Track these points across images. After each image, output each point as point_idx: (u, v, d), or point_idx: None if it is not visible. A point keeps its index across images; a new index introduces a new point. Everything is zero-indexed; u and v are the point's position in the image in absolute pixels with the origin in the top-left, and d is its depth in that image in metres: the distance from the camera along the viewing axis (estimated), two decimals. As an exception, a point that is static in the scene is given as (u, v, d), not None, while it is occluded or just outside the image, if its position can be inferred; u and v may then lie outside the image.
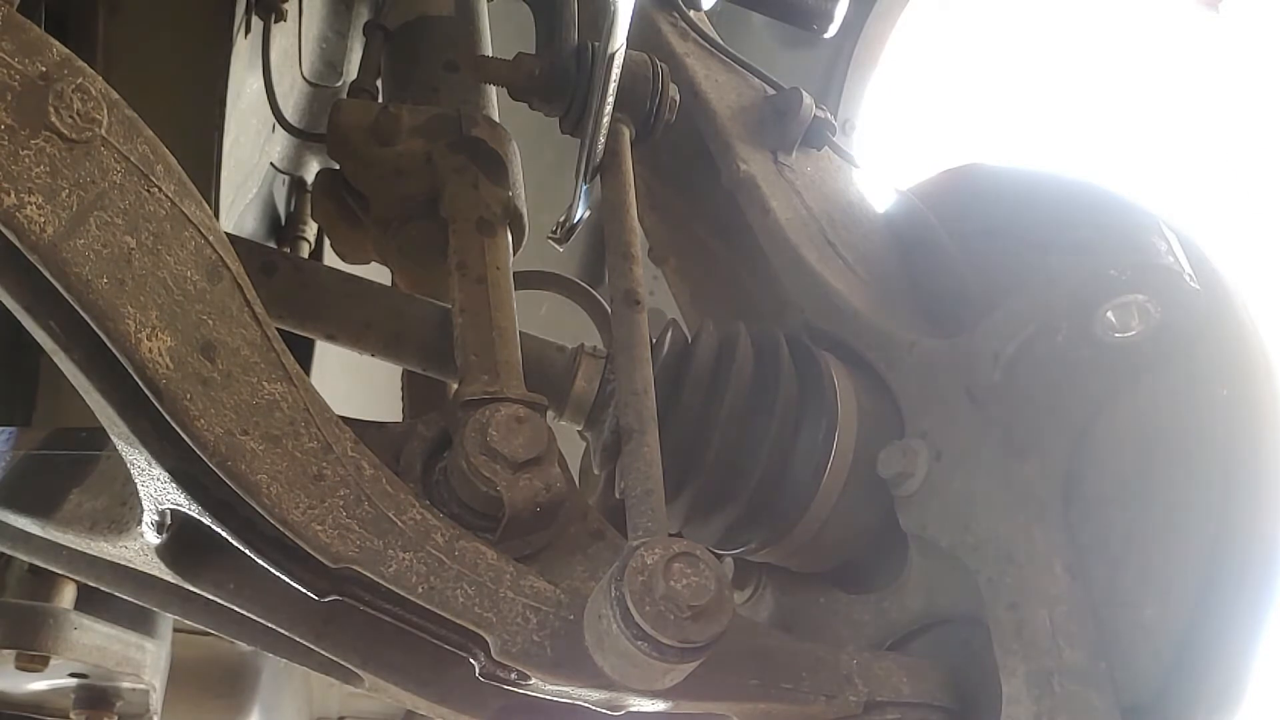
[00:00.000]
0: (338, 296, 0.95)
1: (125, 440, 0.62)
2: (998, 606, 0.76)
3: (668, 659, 0.58)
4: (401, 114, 1.01)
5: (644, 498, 0.70)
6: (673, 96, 0.97)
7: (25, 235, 0.51)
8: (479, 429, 0.69)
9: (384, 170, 1.00)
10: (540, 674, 0.63)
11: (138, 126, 0.56)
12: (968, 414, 0.81)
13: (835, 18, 0.70)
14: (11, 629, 1.16)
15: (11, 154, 0.50)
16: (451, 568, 0.64)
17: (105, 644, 1.22)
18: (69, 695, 1.30)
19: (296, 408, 0.63)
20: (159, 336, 0.56)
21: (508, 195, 1.00)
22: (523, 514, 0.68)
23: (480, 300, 0.84)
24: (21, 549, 0.81)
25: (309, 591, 0.65)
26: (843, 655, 0.74)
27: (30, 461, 0.78)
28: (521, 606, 0.64)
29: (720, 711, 0.70)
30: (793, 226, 1.00)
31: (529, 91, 0.98)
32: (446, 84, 1.17)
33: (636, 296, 0.85)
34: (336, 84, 1.77)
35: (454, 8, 1.26)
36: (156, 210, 0.56)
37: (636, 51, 0.95)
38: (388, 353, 0.96)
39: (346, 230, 1.09)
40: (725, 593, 0.59)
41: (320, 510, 0.62)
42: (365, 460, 0.65)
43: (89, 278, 0.53)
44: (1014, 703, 0.72)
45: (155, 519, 0.67)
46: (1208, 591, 0.71)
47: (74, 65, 0.52)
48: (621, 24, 0.82)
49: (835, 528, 0.89)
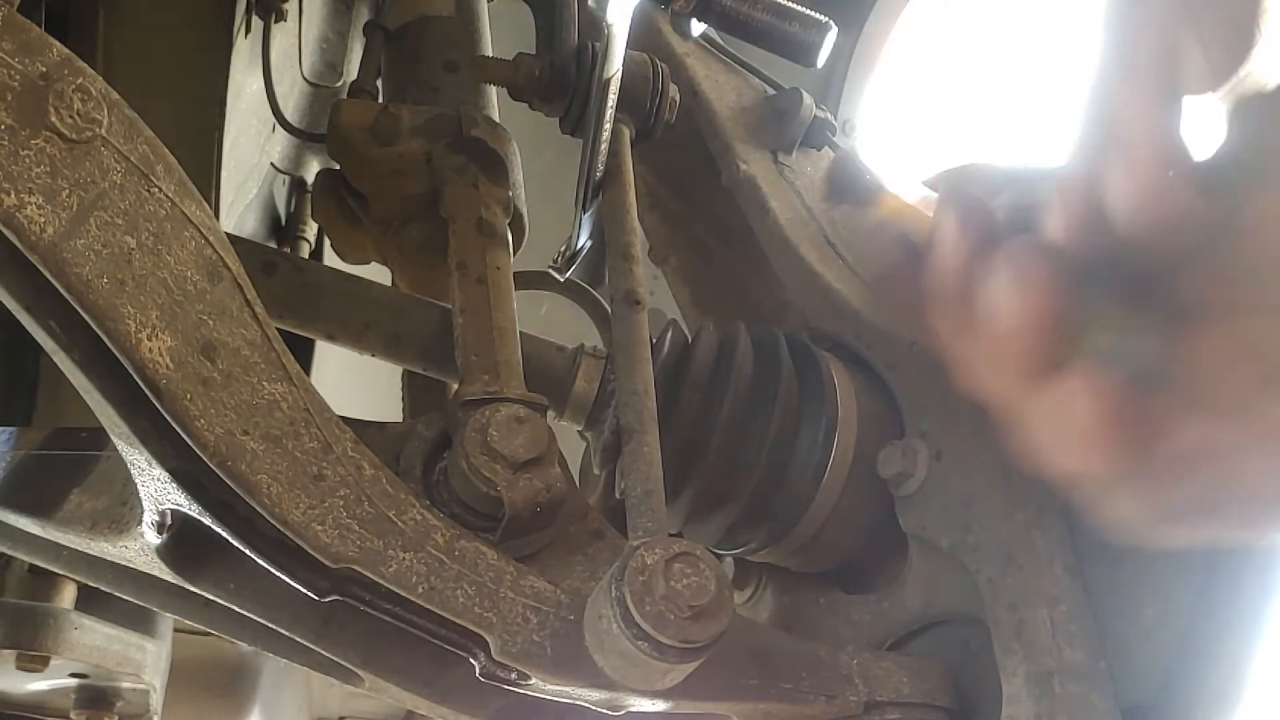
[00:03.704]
0: (338, 296, 0.95)
1: (125, 440, 0.62)
2: (998, 606, 0.76)
3: (668, 659, 0.59)
4: (401, 114, 1.01)
5: (644, 498, 0.70)
6: (673, 97, 0.97)
7: (25, 235, 0.51)
8: (479, 429, 0.69)
9: (384, 170, 1.00)
10: (540, 674, 0.63)
11: (138, 126, 0.56)
12: (968, 414, 0.81)
13: (823, 50, 0.70)
14: (11, 629, 1.16)
15: (11, 154, 0.50)
16: (452, 568, 0.64)
17: (105, 644, 1.22)
18: (69, 695, 1.30)
19: (296, 408, 0.63)
20: (159, 336, 0.56)
21: (508, 195, 1.00)
22: (523, 514, 0.68)
23: (480, 300, 0.84)
24: (21, 549, 0.81)
25: (309, 591, 0.65)
26: (843, 655, 0.74)
27: (30, 461, 0.78)
28: (522, 607, 0.64)
29: (720, 711, 0.70)
30: (793, 226, 1.00)
31: (529, 91, 0.98)
32: (446, 84, 1.17)
33: (636, 296, 0.85)
34: (336, 84, 1.77)
35: (454, 8, 1.26)
36: (157, 210, 0.56)
37: (636, 52, 0.95)
38: (388, 353, 0.96)
39: (346, 230, 1.09)
40: (725, 593, 0.59)
41: (320, 510, 0.62)
42: (365, 460, 0.65)
43: (89, 278, 0.53)
44: (1014, 703, 0.72)
45: (155, 519, 0.67)
46: (1208, 591, 0.71)
47: (74, 65, 0.52)
48: (617, 49, 0.82)
49: (835, 528, 0.89)
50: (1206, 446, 0.49)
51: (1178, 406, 0.49)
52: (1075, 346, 0.51)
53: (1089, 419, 0.48)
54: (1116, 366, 0.50)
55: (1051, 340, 0.50)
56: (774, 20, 0.72)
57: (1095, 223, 0.51)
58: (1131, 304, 0.52)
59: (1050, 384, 0.50)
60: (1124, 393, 0.48)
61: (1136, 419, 0.48)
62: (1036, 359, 0.50)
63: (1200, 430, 0.49)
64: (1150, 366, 0.49)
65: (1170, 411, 0.49)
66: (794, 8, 0.72)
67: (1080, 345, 0.51)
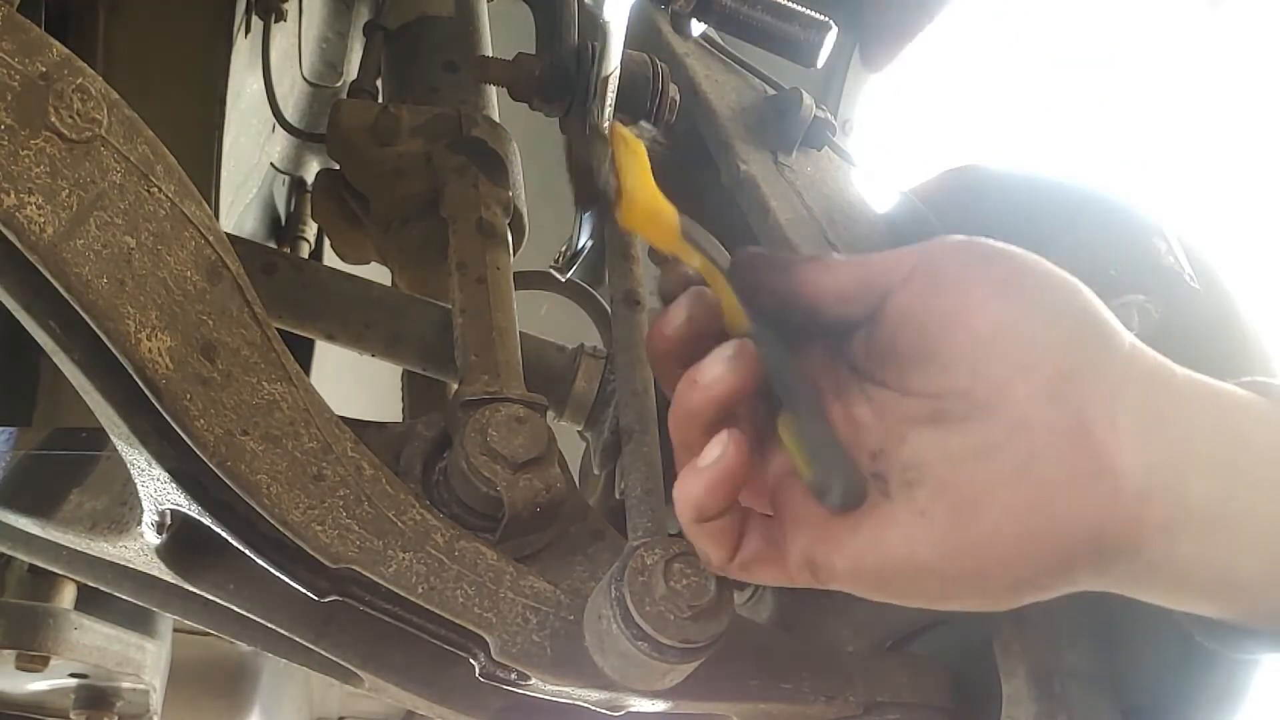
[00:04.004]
0: (338, 296, 0.95)
1: (125, 440, 0.62)
2: (998, 606, 0.76)
3: (668, 659, 0.59)
4: (401, 114, 1.01)
5: (644, 498, 0.70)
6: (673, 97, 0.97)
7: (25, 235, 0.51)
8: (479, 429, 0.69)
9: (384, 170, 1.00)
10: (540, 674, 0.63)
11: (138, 126, 0.56)
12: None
13: (823, 50, 0.71)
14: (11, 629, 1.16)
15: (11, 154, 0.50)
16: (451, 568, 0.64)
17: (105, 644, 1.22)
18: (69, 695, 1.30)
19: (296, 408, 0.63)
20: (159, 336, 0.56)
21: (508, 195, 1.00)
22: (523, 514, 0.68)
23: (480, 300, 0.85)
24: (21, 549, 0.81)
25: (309, 591, 0.65)
26: (843, 655, 0.74)
27: (30, 461, 0.78)
28: (521, 607, 0.64)
29: (720, 711, 0.70)
30: (793, 227, 1.00)
31: (529, 91, 0.98)
32: (446, 84, 1.17)
33: (636, 296, 0.85)
34: (336, 84, 1.77)
35: (454, 8, 1.26)
36: (156, 210, 0.56)
37: (636, 51, 0.95)
38: (388, 353, 0.96)
39: (346, 230, 1.09)
40: (725, 593, 0.59)
41: (320, 510, 0.62)
42: (365, 460, 0.65)
43: (89, 278, 0.53)
44: (1014, 703, 0.72)
45: (155, 519, 0.67)
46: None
47: (74, 65, 0.52)
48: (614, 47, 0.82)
49: (835, 528, 0.89)
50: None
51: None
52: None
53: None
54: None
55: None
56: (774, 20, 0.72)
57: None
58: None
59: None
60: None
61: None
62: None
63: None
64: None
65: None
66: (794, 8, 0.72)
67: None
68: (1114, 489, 0.49)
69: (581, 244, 0.99)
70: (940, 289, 0.54)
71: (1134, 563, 0.51)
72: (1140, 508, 0.49)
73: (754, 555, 0.57)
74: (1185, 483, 0.49)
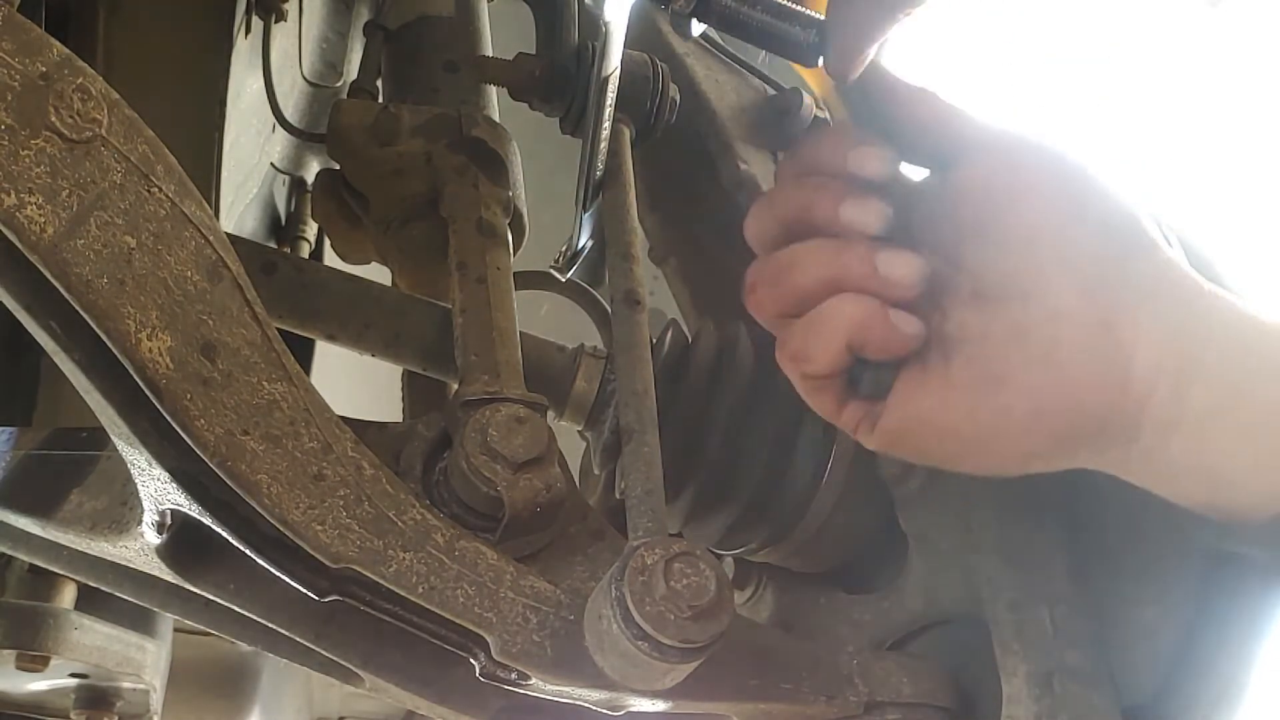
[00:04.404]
0: (338, 296, 0.95)
1: (125, 440, 0.62)
2: (998, 606, 0.76)
3: (668, 659, 0.58)
4: (401, 114, 1.01)
5: (644, 498, 0.70)
6: (673, 97, 0.97)
7: (25, 235, 0.51)
8: (479, 429, 0.69)
9: (384, 170, 1.00)
10: (540, 674, 0.63)
11: (138, 126, 0.56)
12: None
13: (823, 50, 0.71)
14: (11, 629, 1.16)
15: (11, 154, 0.50)
16: (452, 568, 0.64)
17: (105, 644, 1.22)
18: (69, 695, 1.30)
19: (297, 408, 0.63)
20: (159, 336, 0.56)
21: (508, 195, 1.00)
22: (523, 514, 0.68)
23: (480, 300, 0.84)
24: (21, 549, 0.81)
25: (309, 591, 0.65)
26: (843, 655, 0.74)
27: (30, 461, 0.78)
28: (522, 607, 0.64)
29: (720, 711, 0.70)
30: (793, 226, 1.00)
31: (529, 91, 0.98)
32: (446, 84, 1.17)
33: (636, 296, 0.85)
34: (336, 84, 1.77)
35: (454, 8, 1.26)
36: (157, 210, 0.56)
37: (636, 51, 0.95)
38: (388, 353, 0.96)
39: (346, 230, 1.09)
40: (725, 593, 0.59)
41: (320, 510, 0.62)
42: (365, 460, 0.65)
43: (89, 278, 0.53)
44: (1014, 703, 0.72)
45: (155, 519, 0.67)
46: (1208, 591, 0.71)
47: (74, 65, 0.52)
48: (615, 47, 0.82)
49: (835, 528, 0.89)
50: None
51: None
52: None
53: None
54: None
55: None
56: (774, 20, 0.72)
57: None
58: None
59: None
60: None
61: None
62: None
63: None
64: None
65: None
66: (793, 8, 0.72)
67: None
68: (1124, 382, 0.56)
69: (581, 244, 0.99)
70: (1015, 172, 0.60)
71: (1129, 450, 0.58)
72: (1144, 403, 0.56)
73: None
74: (1187, 389, 0.56)
